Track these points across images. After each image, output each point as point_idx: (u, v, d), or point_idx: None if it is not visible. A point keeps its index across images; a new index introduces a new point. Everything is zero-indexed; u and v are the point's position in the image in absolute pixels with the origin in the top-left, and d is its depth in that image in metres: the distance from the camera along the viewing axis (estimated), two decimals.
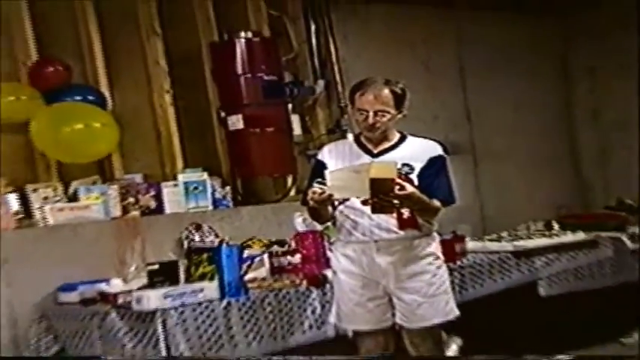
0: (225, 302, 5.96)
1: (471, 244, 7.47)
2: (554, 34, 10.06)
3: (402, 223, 5.26)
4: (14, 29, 6.89)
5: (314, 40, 8.22)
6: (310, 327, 6.23)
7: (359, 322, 5.44)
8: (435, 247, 5.46)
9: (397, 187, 5.00)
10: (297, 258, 6.68)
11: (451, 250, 6.68)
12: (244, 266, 6.37)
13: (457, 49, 9.32)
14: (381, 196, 5.00)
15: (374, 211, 5.14)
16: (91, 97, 7.04)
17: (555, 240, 7.84)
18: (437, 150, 5.41)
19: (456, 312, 5.47)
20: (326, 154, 5.52)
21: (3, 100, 6.68)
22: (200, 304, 5.89)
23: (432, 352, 5.49)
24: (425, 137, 5.50)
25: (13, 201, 6.54)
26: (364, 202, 5.13)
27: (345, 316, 5.50)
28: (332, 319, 5.68)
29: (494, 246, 7.61)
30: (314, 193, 5.13)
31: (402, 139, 5.40)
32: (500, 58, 9.40)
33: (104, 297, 6.17)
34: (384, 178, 4.96)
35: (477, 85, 9.36)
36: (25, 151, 6.91)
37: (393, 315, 5.39)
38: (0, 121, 6.72)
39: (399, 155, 5.30)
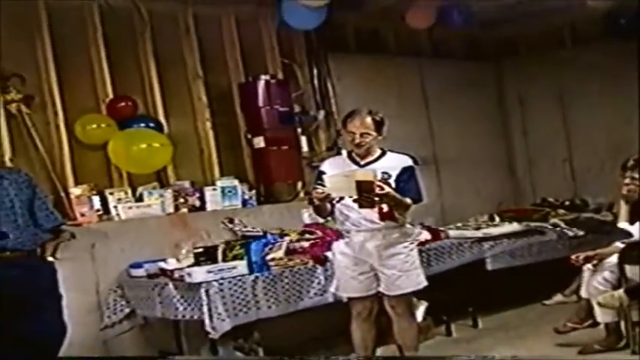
0: (253, 276, 5.99)
1: (452, 232, 7.52)
2: (493, 74, 10.03)
3: (382, 216, 5.31)
4: (96, 74, 6.89)
5: (316, 81, 8.22)
6: (315, 294, 6.24)
7: (352, 291, 5.50)
8: (409, 235, 5.49)
9: (377, 188, 5.06)
10: (307, 243, 6.67)
11: (438, 236, 6.78)
12: (267, 249, 6.39)
13: (421, 86, 9.30)
14: (364, 194, 5.06)
15: (361, 206, 5.19)
16: (151, 124, 7.01)
17: (496, 229, 7.82)
18: (408, 162, 5.45)
19: (425, 282, 5.50)
20: (326, 166, 5.57)
21: (88, 127, 6.70)
22: (234, 277, 5.91)
23: (405, 313, 5.53)
24: (399, 152, 5.55)
25: (97, 201, 6.52)
26: (354, 201, 5.14)
27: (342, 286, 5.54)
28: (332, 288, 5.71)
29: (468, 233, 7.63)
30: (316, 192, 5.21)
31: (383, 153, 5.45)
32: (453, 92, 9.36)
33: (163, 272, 6.17)
34: (366, 181, 5.04)
35: (437, 113, 9.34)
36: (104, 165, 6.88)
37: (377, 285, 5.43)
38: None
39: (379, 166, 5.34)
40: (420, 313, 6.66)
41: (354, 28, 8.74)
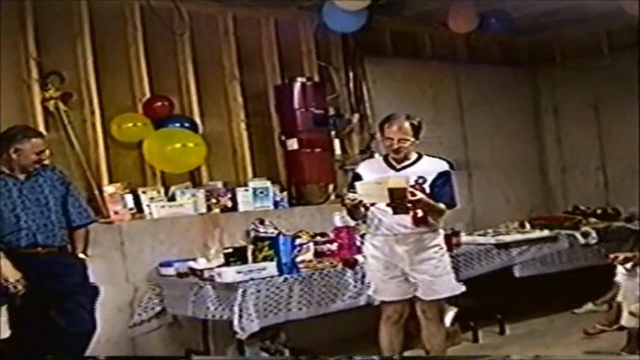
0: (283, 278, 5.95)
1: (464, 238, 7.42)
2: (528, 81, 9.90)
3: (416, 221, 5.25)
4: (134, 73, 6.85)
5: (351, 84, 8.17)
6: (347, 297, 6.19)
7: (386, 295, 5.44)
8: (440, 239, 5.42)
9: (410, 194, 5.01)
10: (334, 246, 6.63)
11: (450, 242, 6.56)
12: (295, 251, 6.35)
13: (456, 91, 9.19)
14: (397, 201, 5.02)
15: (395, 212, 5.15)
16: (186, 124, 6.96)
17: (527, 235, 7.76)
18: (444, 166, 5.39)
19: (462, 288, 5.46)
20: (362, 168, 5.55)
21: (124, 126, 6.66)
22: (264, 278, 5.87)
23: (435, 318, 5.47)
24: (436, 156, 5.49)
25: (130, 200, 6.49)
26: (388, 205, 5.10)
27: (376, 290, 5.49)
28: (370, 292, 5.63)
29: (481, 239, 7.58)
30: (348, 199, 5.19)
31: (419, 157, 5.39)
32: (488, 98, 9.26)
33: (193, 271, 6.15)
34: (398, 187, 4.99)
35: (471, 118, 9.23)
36: (139, 163, 6.84)
37: (411, 290, 5.35)
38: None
39: (415, 170, 5.30)
40: (448, 319, 6.62)
41: (391, 32, 8.66)
